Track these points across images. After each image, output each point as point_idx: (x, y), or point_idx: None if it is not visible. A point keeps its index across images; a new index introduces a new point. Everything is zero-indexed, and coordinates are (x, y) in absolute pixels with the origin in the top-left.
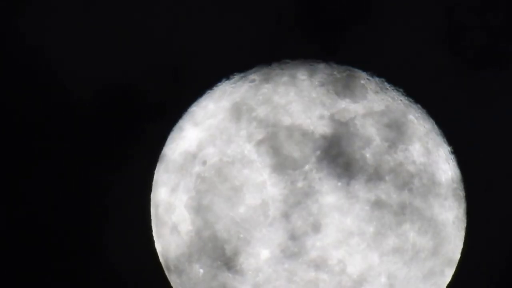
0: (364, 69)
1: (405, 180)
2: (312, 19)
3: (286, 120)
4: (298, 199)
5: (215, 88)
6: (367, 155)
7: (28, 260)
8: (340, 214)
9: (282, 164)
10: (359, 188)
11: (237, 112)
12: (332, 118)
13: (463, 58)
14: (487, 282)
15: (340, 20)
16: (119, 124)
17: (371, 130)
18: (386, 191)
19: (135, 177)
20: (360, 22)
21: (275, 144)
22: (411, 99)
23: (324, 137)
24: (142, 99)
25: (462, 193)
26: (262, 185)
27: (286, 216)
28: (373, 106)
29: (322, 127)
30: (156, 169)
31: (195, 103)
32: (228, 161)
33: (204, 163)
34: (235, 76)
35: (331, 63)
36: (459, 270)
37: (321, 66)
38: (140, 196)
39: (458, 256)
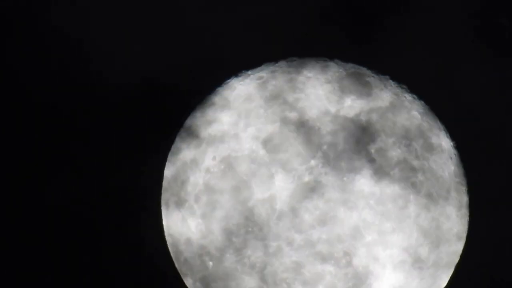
0: (369, 67)
1: (408, 175)
2: (317, 20)
3: (293, 116)
4: (306, 195)
5: (224, 85)
6: (372, 151)
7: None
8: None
9: (288, 160)
10: (365, 182)
11: (243, 110)
12: (337, 114)
13: (464, 56)
14: (487, 282)
15: (344, 21)
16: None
17: (375, 126)
18: (391, 186)
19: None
20: (363, 23)
21: (281, 141)
22: (414, 96)
23: (328, 133)
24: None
25: (464, 188)
26: (269, 179)
27: (293, 210)
28: (377, 103)
29: (327, 124)
30: (166, 165)
31: (204, 101)
32: (236, 156)
33: (214, 158)
34: (243, 73)
35: (336, 61)
36: (459, 270)
37: (327, 63)
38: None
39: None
